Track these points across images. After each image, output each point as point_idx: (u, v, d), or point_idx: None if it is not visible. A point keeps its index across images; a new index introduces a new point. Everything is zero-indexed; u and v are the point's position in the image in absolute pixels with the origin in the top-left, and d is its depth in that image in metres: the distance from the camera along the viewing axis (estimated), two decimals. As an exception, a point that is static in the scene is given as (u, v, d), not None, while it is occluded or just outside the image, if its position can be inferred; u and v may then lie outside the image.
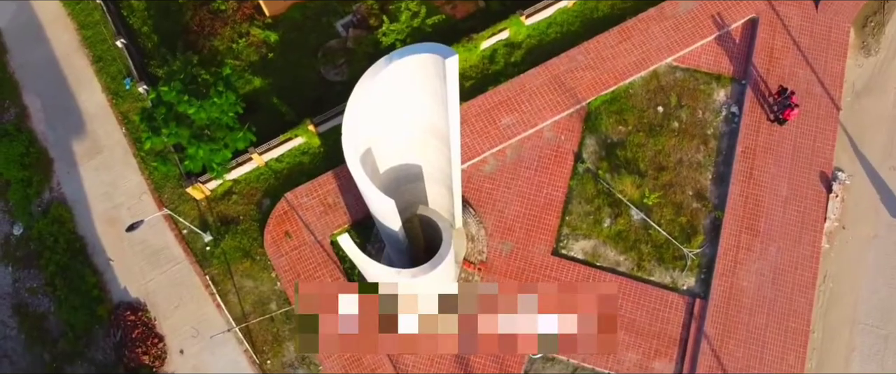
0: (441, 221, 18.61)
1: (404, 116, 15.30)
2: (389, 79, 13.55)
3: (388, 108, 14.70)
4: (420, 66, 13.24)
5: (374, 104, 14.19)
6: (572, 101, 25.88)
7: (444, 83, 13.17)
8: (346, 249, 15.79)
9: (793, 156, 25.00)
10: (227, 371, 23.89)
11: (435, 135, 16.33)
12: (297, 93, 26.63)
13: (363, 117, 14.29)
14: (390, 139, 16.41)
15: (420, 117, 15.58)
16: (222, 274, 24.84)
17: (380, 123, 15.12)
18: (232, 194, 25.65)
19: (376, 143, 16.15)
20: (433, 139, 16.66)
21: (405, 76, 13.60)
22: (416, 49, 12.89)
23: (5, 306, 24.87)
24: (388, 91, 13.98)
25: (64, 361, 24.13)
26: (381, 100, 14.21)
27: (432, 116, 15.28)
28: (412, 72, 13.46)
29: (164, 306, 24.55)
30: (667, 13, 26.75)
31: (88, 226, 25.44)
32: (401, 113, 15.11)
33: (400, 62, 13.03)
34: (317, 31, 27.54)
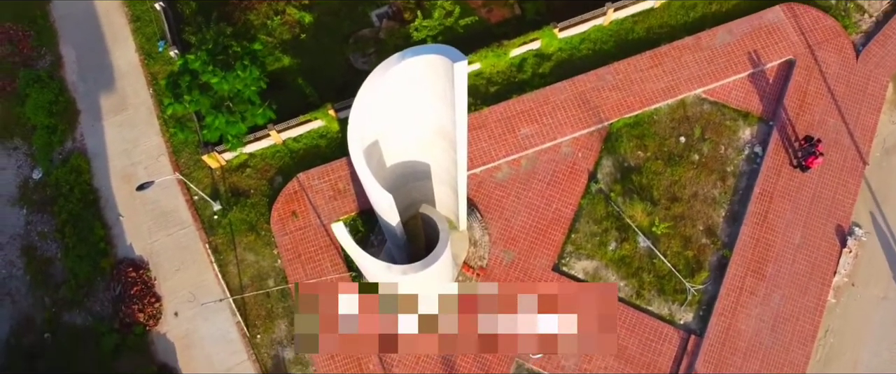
0: (441, 222, 18.63)
1: (413, 114, 15.34)
2: (400, 75, 13.60)
3: (398, 104, 14.75)
4: (430, 66, 13.26)
5: (384, 98, 14.26)
6: (595, 119, 25.67)
7: (453, 86, 13.16)
8: (339, 238, 15.90)
9: (811, 204, 24.49)
10: (218, 340, 24.23)
11: (443, 136, 16.35)
12: (323, 77, 26.83)
13: (372, 109, 14.37)
14: (399, 135, 16.47)
15: (429, 117, 15.62)
16: (226, 244, 25.19)
17: (388, 117, 15.18)
18: (246, 167, 25.98)
19: (385, 137, 16.23)
20: (441, 140, 16.69)
21: (416, 74, 13.64)
22: (428, 49, 12.92)
23: (15, 247, 25.54)
24: (398, 87, 14.03)
25: (63, 307, 24.71)
26: (392, 95, 14.27)
27: (441, 117, 15.30)
28: (423, 71, 13.50)
29: (165, 267, 24.99)
30: (703, 44, 26.38)
31: (104, 179, 25.99)
32: (410, 111, 15.15)
33: (411, 60, 13.07)
34: (351, 18, 27.71)
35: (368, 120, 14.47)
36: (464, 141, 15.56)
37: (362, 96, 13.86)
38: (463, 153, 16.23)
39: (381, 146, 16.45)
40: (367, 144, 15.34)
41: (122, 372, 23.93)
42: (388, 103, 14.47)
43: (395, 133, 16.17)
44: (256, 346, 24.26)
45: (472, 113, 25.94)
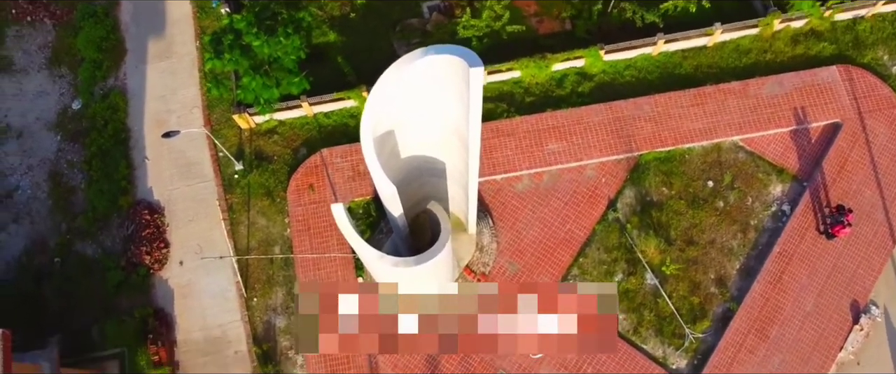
0: (444, 221, 18.62)
1: (431, 110, 15.35)
2: (421, 71, 13.62)
3: (417, 98, 14.77)
4: (451, 66, 13.24)
5: (404, 91, 14.29)
6: (625, 147, 25.30)
7: (468, 90, 13.12)
8: (337, 220, 16.03)
9: (830, 274, 23.74)
10: (215, 295, 24.70)
11: (459, 137, 16.33)
12: (365, 58, 27.00)
13: (390, 99, 14.41)
14: (415, 129, 16.50)
15: (446, 116, 15.60)
16: (241, 204, 25.63)
17: (406, 110, 15.22)
18: (274, 133, 26.36)
19: (401, 128, 16.27)
20: (457, 141, 16.66)
21: (436, 72, 13.64)
22: (449, 50, 12.90)
23: (44, 170, 26.43)
24: (418, 82, 14.05)
25: (77, 236, 25.49)
26: (411, 89, 14.29)
27: (458, 118, 15.28)
28: (443, 70, 13.49)
29: (179, 216, 25.55)
30: (750, 91, 25.74)
31: (137, 121, 26.69)
32: (428, 107, 15.15)
33: (432, 58, 13.07)
34: (402, 5, 27.83)
35: (385, 108, 14.52)
36: (476, 146, 15.51)
37: (382, 84, 13.92)
38: (475, 158, 16.18)
39: (396, 137, 16.49)
40: (381, 132, 15.39)
41: (120, 308, 24.57)
42: (407, 96, 14.50)
43: (411, 126, 16.19)
44: (251, 308, 24.65)
45: (503, 120, 25.88)
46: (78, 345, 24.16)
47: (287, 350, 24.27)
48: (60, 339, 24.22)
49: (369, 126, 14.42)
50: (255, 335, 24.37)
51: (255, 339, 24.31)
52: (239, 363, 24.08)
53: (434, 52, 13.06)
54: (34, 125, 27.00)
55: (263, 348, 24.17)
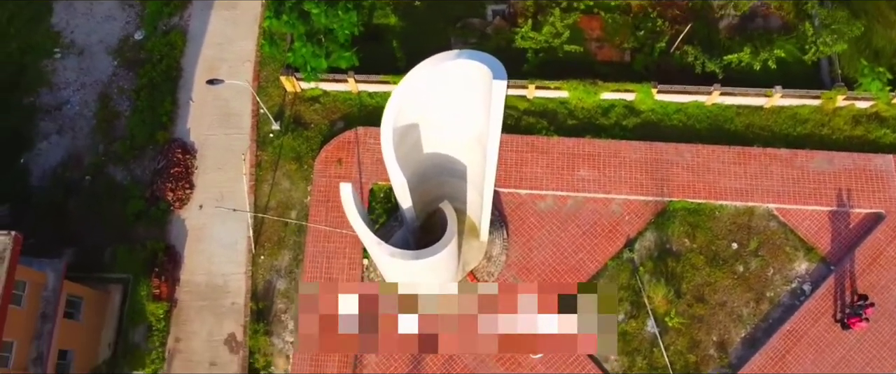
0: (452, 222, 18.62)
1: (457, 112, 15.36)
2: (451, 71, 13.65)
3: (444, 98, 14.79)
4: (479, 73, 13.22)
5: (432, 87, 14.34)
6: (656, 190, 24.85)
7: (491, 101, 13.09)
8: (343, 199, 16.21)
9: (837, 364, 22.89)
10: (225, 245, 25.25)
11: (480, 143, 16.30)
12: (419, 47, 26.80)
13: (418, 92, 14.49)
14: (440, 128, 16.55)
15: (471, 120, 15.60)
16: (269, 163, 26.14)
17: (433, 107, 15.27)
18: (317, 101, 26.76)
19: (426, 124, 16.34)
20: (478, 146, 16.65)
21: (465, 76, 13.64)
22: (481, 57, 12.88)
23: (95, 91, 27.44)
24: (447, 82, 14.08)
25: (111, 159, 26.40)
26: (440, 87, 14.33)
27: (482, 124, 15.25)
28: (472, 75, 13.48)
29: (209, 161, 26.20)
30: (797, 161, 24.95)
31: (191, 62, 27.45)
32: (454, 108, 15.17)
33: (463, 62, 13.08)
34: (468, 3, 27.86)
35: (412, 100, 14.61)
36: (494, 156, 15.47)
37: (413, 76, 14.00)
38: (492, 168, 16.15)
39: (420, 131, 16.57)
40: (405, 123, 15.49)
41: (135, 236, 25.37)
42: (435, 93, 14.55)
43: (436, 124, 16.25)
44: (256, 265, 25.14)
45: (541, 136, 25.70)
46: (88, 263, 25.05)
47: (281, 312, 24.70)
48: (74, 253, 25.21)
49: (392, 114, 14.52)
50: (255, 291, 24.85)
51: (253, 295, 24.80)
52: (233, 315, 24.61)
53: (466, 56, 13.07)
54: (95, 47, 28.03)
55: (259, 305, 24.65)
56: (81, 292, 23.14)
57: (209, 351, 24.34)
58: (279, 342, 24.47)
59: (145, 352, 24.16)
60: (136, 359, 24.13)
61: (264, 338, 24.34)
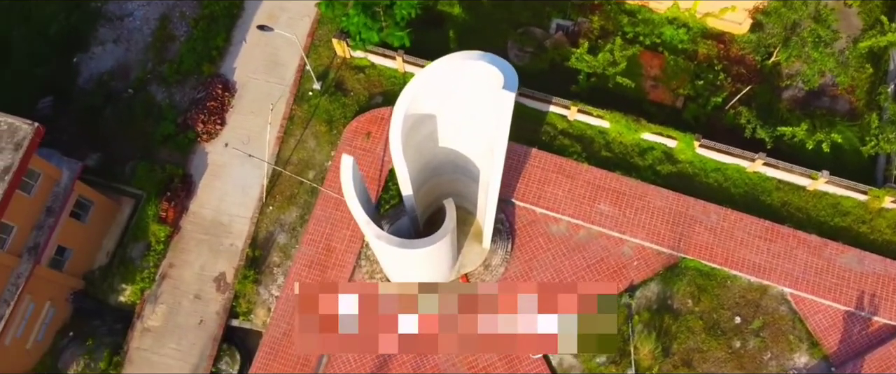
0: (449, 220, 18.40)
1: (473, 113, 15.12)
2: (469, 71, 13.42)
3: (462, 95, 14.57)
4: (494, 79, 12.96)
5: (451, 82, 14.14)
6: (672, 243, 24.11)
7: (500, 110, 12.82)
8: (342, 170, 16.17)
9: None
10: (239, 187, 25.62)
11: (492, 152, 16.04)
12: (476, 43, 26.76)
13: (436, 84, 14.30)
14: (456, 125, 16.35)
15: (486, 125, 15.33)
16: (301, 119, 26.38)
17: (451, 102, 15.07)
18: (362, 71, 26.85)
19: (444, 119, 16.15)
20: (490, 152, 16.38)
21: (482, 78, 13.39)
22: (500, 65, 12.60)
23: (158, 10, 28.14)
24: (465, 80, 13.86)
25: (155, 79, 27.09)
26: (458, 83, 14.12)
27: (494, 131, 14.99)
28: (489, 79, 13.22)
29: (245, 103, 26.60)
30: (825, 252, 23.83)
31: (254, 6, 27.91)
32: (471, 108, 14.92)
33: (482, 64, 12.84)
34: (534, 13, 27.47)
35: (430, 91, 14.44)
36: (499, 166, 15.21)
37: (433, 68, 13.83)
38: (496, 178, 15.90)
39: (437, 124, 16.40)
40: (421, 112, 15.34)
41: (157, 157, 25.99)
42: (453, 89, 14.34)
43: (453, 120, 16.05)
44: (263, 214, 25.45)
45: (571, 160, 25.19)
46: (109, 171, 25.82)
47: (275, 265, 24.96)
48: (99, 158, 26.00)
49: (408, 98, 14.39)
50: (255, 238, 25.17)
51: (253, 241, 25.12)
52: (229, 256, 24.99)
53: (485, 60, 12.80)
54: (170, -32, 28.75)
55: (256, 252, 24.96)
56: (93, 197, 23.82)
57: (197, 284, 24.79)
58: (265, 292, 24.75)
59: (138, 269, 24.77)
60: (128, 273, 24.77)
61: (252, 286, 24.65)
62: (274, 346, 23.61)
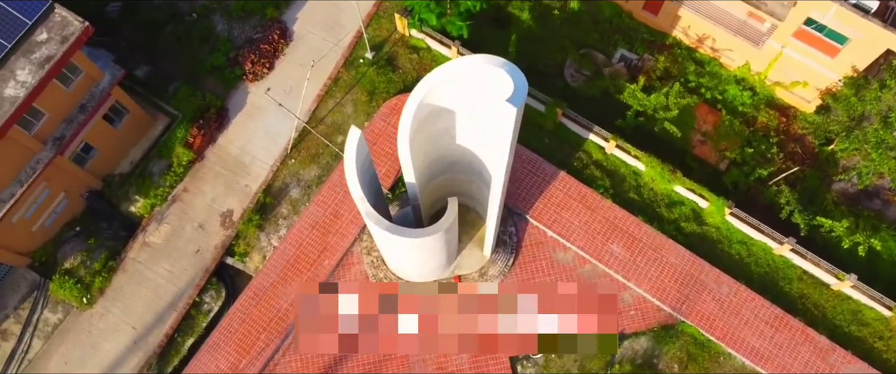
0: (445, 220, 18.12)
1: (491, 118, 14.79)
2: (485, 73, 13.10)
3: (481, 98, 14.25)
4: (507, 90, 12.61)
5: (470, 82, 13.85)
6: (676, 304, 23.28)
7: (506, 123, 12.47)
8: (348, 141, 16.05)
9: None
10: (268, 134, 25.93)
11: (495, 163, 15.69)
12: (533, 52, 26.51)
13: (456, 79, 14.04)
14: (474, 126, 16.05)
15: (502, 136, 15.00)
16: (346, 83, 26.50)
17: (470, 103, 14.78)
18: (416, 52, 26.74)
19: (462, 116, 15.87)
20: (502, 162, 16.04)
21: (497, 86, 13.05)
22: (516, 77, 12.24)
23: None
24: (483, 83, 13.55)
25: (220, 10, 27.55)
26: (477, 85, 13.82)
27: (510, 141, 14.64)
28: (502, 88, 12.88)
29: (296, 54, 26.85)
30: (830, 358, 22.62)
31: (333, -37, 28.06)
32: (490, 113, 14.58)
33: (498, 71, 12.51)
34: (602, 37, 26.80)
35: (449, 86, 14.19)
36: (500, 180, 14.88)
37: (454, 63, 13.57)
38: (498, 190, 15.55)
39: (456, 120, 16.13)
40: (439, 104, 15.11)
41: (201, 84, 26.53)
42: (472, 89, 14.04)
43: (471, 121, 15.75)
44: (284, 165, 25.73)
45: (597, 193, 24.53)
46: (154, 86, 26.52)
47: (281, 216, 25.24)
48: (148, 71, 26.73)
49: (426, 88, 14.19)
50: (270, 186, 25.48)
51: (267, 188, 25.45)
52: (240, 195, 25.38)
53: (504, 68, 12.45)
54: None
55: (267, 199, 25.29)
56: (129, 106, 24.50)
57: (205, 214, 25.29)
58: (265, 240, 25.07)
59: (155, 185, 25.41)
60: (144, 186, 25.45)
61: (255, 230, 25.00)
62: (259, 293, 23.91)
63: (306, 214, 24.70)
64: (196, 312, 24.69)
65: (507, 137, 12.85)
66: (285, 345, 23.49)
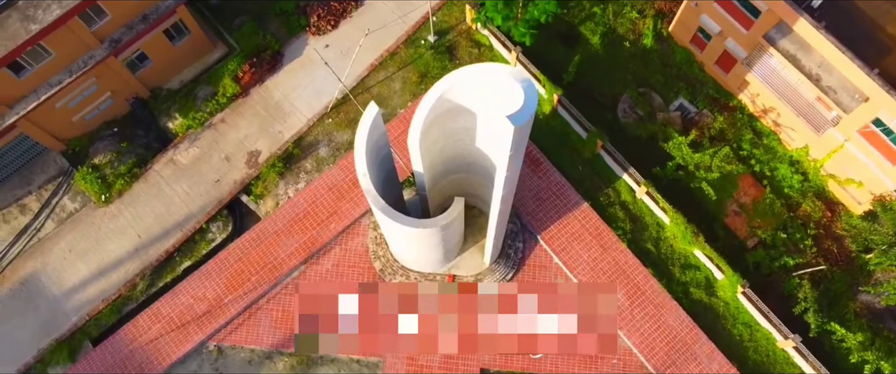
0: (445, 217, 17.96)
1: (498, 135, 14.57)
2: (512, 89, 12.87)
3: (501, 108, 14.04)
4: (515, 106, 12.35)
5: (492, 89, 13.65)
6: (661, 366, 22.73)
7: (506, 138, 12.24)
8: (363, 118, 16.03)
9: None
10: (316, 88, 26.22)
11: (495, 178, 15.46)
12: (592, 75, 25.99)
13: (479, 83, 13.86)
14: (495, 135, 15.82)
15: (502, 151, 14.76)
16: (400, 59, 26.59)
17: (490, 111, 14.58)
18: (478, 47, 26.55)
19: (483, 120, 15.68)
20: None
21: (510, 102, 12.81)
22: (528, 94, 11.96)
23: None
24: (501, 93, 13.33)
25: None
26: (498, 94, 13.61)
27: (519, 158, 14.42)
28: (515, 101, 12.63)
29: (363, 20, 26.98)
30: None
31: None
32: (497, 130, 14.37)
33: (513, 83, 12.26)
34: (666, 81, 26.03)
35: (473, 88, 14.02)
36: (499, 193, 14.64)
37: (479, 67, 13.38)
38: (497, 203, 15.34)
39: (477, 122, 15.93)
40: (460, 103, 14.95)
41: (265, 24, 27.01)
42: (493, 97, 13.83)
43: (491, 128, 15.54)
44: (321, 122, 26.06)
45: (615, 233, 23.92)
46: (221, 17, 27.14)
47: (304, 170, 25.61)
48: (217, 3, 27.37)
49: (447, 84, 14.05)
50: (301, 138, 25.86)
51: (298, 140, 25.84)
52: (273, 140, 25.82)
53: (521, 82, 12.18)
54: None
55: (295, 150, 25.69)
56: (192, 27, 25.16)
57: (234, 148, 25.86)
58: (283, 188, 25.49)
59: (196, 109, 26.10)
60: (186, 107, 26.18)
61: (276, 176, 25.43)
62: (262, 236, 24.36)
63: (328, 174, 24.96)
64: (200, 237, 25.34)
65: (506, 152, 12.60)
66: (272, 293, 23.88)
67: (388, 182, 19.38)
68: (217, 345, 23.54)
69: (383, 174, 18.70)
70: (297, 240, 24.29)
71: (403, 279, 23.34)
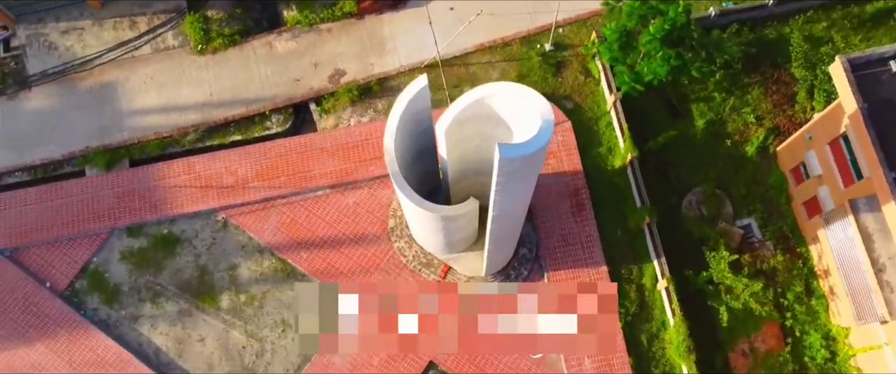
0: (455, 209, 17.97)
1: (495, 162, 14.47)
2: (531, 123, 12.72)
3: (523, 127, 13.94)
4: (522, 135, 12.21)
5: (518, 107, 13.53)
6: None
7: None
8: (409, 86, 16.22)
9: None
10: (421, 39, 26.44)
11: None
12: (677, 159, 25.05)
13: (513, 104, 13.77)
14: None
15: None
16: (508, 53, 26.65)
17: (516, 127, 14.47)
18: (585, 75, 26.01)
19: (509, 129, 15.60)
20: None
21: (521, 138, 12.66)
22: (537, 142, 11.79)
23: None
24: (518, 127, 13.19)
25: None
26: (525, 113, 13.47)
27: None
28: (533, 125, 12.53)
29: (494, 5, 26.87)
30: None
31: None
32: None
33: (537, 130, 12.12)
34: (748, 193, 24.69)
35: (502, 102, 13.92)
36: (490, 214, 14.61)
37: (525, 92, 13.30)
38: (489, 221, 15.31)
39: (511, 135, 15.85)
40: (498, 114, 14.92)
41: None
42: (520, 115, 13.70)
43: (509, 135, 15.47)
44: (409, 74, 26.50)
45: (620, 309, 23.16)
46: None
47: (373, 108, 26.31)
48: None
49: (487, 90, 14.06)
50: (387, 78, 26.42)
51: (383, 79, 26.47)
52: (361, 67, 26.45)
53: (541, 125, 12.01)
54: None
55: (375, 87, 26.38)
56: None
57: (325, 58, 26.76)
58: (348, 113, 26.27)
59: (311, 10, 27.00)
60: (304, 4, 27.15)
61: (348, 100, 26.16)
62: (308, 146, 25.41)
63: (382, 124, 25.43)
64: (259, 121, 26.56)
65: (495, 177, 12.53)
66: (292, 198, 24.87)
67: (424, 155, 19.57)
68: (225, 219, 24.88)
69: (420, 146, 18.90)
70: (337, 165, 25.09)
71: (405, 246, 23.65)
